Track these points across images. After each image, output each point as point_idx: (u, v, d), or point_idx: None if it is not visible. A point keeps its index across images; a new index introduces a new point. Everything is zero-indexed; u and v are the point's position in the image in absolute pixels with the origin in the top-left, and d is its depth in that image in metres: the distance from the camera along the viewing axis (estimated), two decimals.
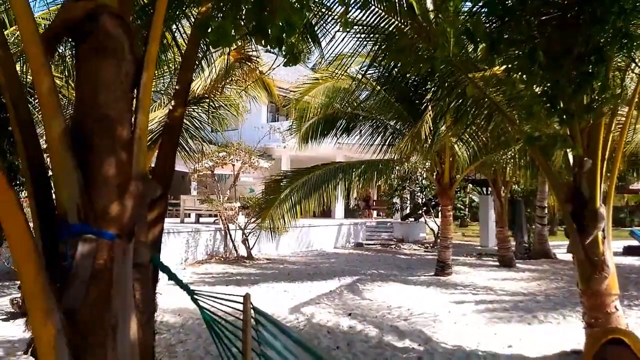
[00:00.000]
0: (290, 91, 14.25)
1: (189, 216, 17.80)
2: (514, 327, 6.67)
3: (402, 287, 9.86)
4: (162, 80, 7.48)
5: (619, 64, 5.16)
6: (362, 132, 11.99)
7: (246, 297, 2.78)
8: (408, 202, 24.28)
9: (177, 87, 3.09)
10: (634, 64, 5.01)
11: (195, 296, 2.69)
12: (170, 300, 6.36)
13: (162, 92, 8.69)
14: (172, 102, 2.97)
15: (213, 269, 12.35)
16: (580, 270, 5.20)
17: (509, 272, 12.33)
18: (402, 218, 23.89)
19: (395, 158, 11.60)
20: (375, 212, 27.40)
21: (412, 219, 23.75)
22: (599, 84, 3.18)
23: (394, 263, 14.10)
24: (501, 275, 11.72)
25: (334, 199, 12.69)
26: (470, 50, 5.98)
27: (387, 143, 11.54)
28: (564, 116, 3.12)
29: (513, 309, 7.80)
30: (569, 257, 5.64)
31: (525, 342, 5.81)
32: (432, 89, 6.55)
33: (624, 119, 5.69)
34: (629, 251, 17.57)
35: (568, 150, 5.76)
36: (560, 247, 15.67)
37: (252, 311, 2.76)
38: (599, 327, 4.97)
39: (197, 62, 4.83)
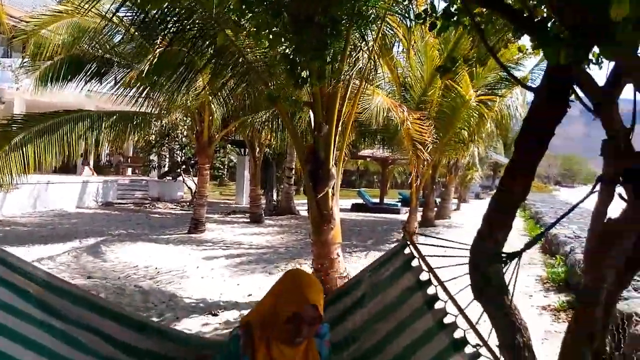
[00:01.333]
0: (24, 21, 11.86)
1: None
2: (256, 277, 7.17)
3: (152, 247, 9.54)
4: None
5: (355, 40, 5.79)
6: (118, 80, 10.81)
7: None
8: (167, 159, 23.47)
9: None
10: (364, 41, 5.69)
11: None
12: None
13: None
14: None
15: None
16: (313, 222, 5.84)
17: (258, 227, 13.20)
18: (159, 176, 23.01)
19: (154, 112, 10.91)
20: (129, 170, 25.68)
21: (170, 178, 23.11)
22: (333, 54, 3.50)
23: (146, 222, 13.52)
24: (250, 230, 12.45)
25: (79, 153, 11.25)
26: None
27: (145, 95, 10.72)
28: (299, 80, 3.35)
29: (257, 261, 8.37)
30: None
31: (263, 291, 6.25)
32: (192, 39, 6.27)
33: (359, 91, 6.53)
34: (356, 208, 20.78)
35: (310, 115, 6.35)
36: (304, 204, 17.48)
37: None
38: (324, 271, 5.72)
39: None
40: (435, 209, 17.22)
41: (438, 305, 2.47)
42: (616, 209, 2.39)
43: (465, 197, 30.63)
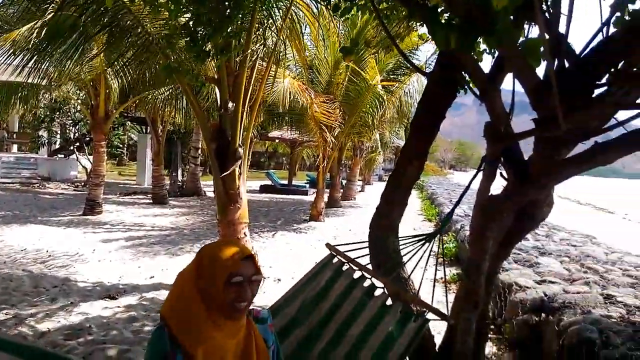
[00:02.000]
0: None
1: None
2: (160, 259, 6.92)
3: (43, 229, 8.80)
4: None
5: (262, 19, 5.72)
6: None
7: None
8: (58, 136, 21.64)
9: None
10: (272, 20, 5.64)
11: None
12: None
13: None
14: None
15: None
16: (219, 202, 5.75)
17: (161, 209, 12.70)
18: (49, 154, 21.18)
19: (43, 83, 9.95)
20: (15, 146, 23.34)
21: (62, 155, 21.37)
22: (237, 29, 3.44)
23: (35, 204, 12.42)
24: (153, 212, 11.95)
25: None
26: None
27: (32, 64, 9.69)
28: (201, 54, 3.25)
29: (160, 243, 8.08)
30: None
31: (167, 272, 6.11)
32: (84, 4, 5.76)
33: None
34: (264, 189, 20.76)
35: (217, 93, 6.19)
36: (211, 186, 17.09)
37: None
38: None
39: None
40: (342, 190, 17.72)
41: (377, 292, 2.59)
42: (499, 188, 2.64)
43: (370, 179, 31.86)
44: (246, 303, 1.42)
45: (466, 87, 2.87)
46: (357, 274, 2.62)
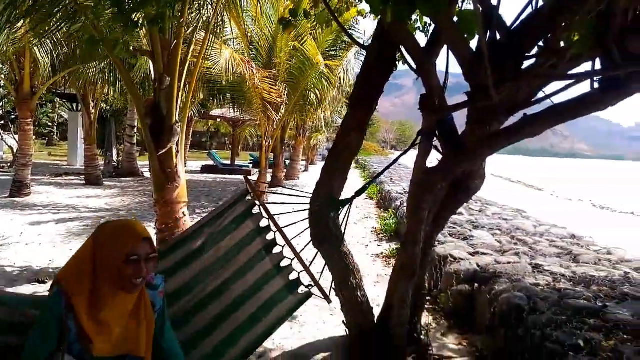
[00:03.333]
0: None
1: None
2: None
3: None
4: None
5: None
6: None
7: None
8: None
9: None
10: None
11: None
12: None
13: None
14: None
15: None
16: (155, 181, 5.53)
17: (95, 190, 12.11)
18: None
19: None
20: None
21: None
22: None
23: None
24: (86, 193, 11.38)
25: None
26: None
27: None
28: (129, 23, 3.05)
29: (94, 225, 7.70)
30: None
31: None
32: None
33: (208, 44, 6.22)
34: (206, 169, 20.30)
35: (151, 66, 5.90)
36: (148, 166, 16.50)
37: None
38: (169, 231, 5.50)
39: None
40: (285, 170, 17.64)
41: (276, 250, 2.58)
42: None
43: (314, 159, 31.93)
44: (142, 279, 1.55)
45: (403, 60, 2.88)
46: (264, 222, 2.60)
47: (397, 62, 2.89)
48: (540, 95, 2.36)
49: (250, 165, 21.67)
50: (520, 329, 2.76)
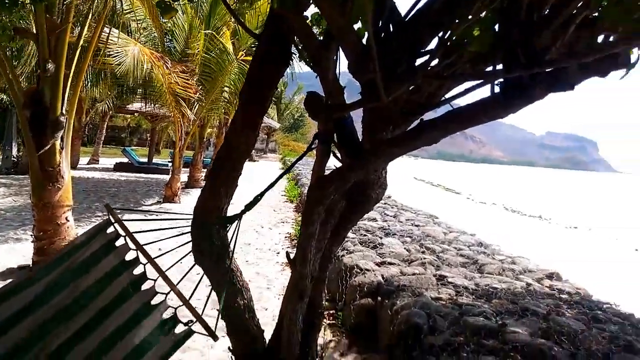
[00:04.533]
0: None
1: None
2: None
3: None
4: None
5: None
6: None
7: None
8: None
9: None
10: None
11: None
12: None
13: None
14: None
15: None
16: (33, 180, 4.87)
17: None
18: None
19: None
20: None
21: None
22: None
23: None
24: None
25: None
26: None
27: None
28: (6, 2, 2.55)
29: None
30: None
31: None
32: None
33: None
34: (120, 167, 19.02)
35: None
36: None
37: None
38: (47, 239, 4.84)
39: None
40: (205, 169, 16.92)
41: (146, 285, 2.18)
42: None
43: None
44: None
45: (300, 54, 2.58)
46: (130, 255, 2.21)
47: (292, 56, 2.58)
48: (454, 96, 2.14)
49: (170, 164, 20.59)
50: (416, 352, 2.55)
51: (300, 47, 2.62)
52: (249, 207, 2.66)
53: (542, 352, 2.30)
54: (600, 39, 1.65)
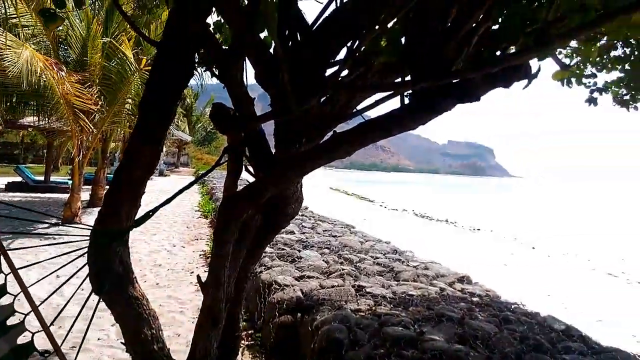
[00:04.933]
0: None
1: None
2: None
3: None
4: None
5: None
6: None
7: None
8: None
9: None
10: None
11: None
12: None
13: None
14: None
15: None
16: None
17: None
18: None
19: None
20: None
21: None
22: None
23: None
24: None
25: None
26: None
27: None
28: None
29: None
30: None
31: None
32: None
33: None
34: (13, 187, 17.32)
35: None
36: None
37: None
38: None
39: None
40: (108, 186, 15.88)
41: (3, 300, 1.90)
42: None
43: None
44: None
45: (204, 62, 2.44)
46: None
47: (196, 65, 2.42)
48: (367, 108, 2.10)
49: (70, 182, 19.08)
50: None
51: (204, 56, 2.48)
52: (139, 222, 2.45)
53: (459, 359, 2.33)
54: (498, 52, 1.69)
